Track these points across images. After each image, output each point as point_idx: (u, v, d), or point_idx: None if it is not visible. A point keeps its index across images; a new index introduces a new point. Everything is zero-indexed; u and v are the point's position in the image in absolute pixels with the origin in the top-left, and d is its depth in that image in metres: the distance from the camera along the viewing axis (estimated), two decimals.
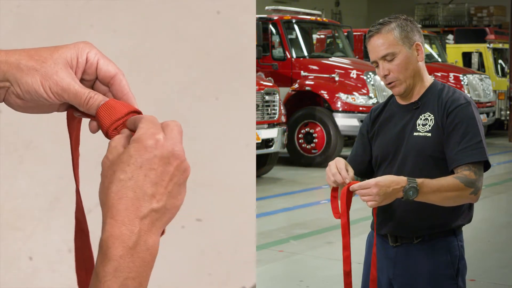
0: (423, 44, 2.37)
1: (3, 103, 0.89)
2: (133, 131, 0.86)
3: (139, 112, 0.89)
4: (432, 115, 2.31)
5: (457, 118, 2.26)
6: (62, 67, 0.86)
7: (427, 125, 2.30)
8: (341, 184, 2.20)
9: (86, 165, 1.51)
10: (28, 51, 0.87)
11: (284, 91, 10.78)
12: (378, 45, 2.31)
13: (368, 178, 2.45)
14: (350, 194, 2.19)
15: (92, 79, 0.90)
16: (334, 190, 2.26)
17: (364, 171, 2.46)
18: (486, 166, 2.28)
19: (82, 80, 0.90)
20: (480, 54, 16.35)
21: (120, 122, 0.87)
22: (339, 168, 2.19)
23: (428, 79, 2.40)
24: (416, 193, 2.12)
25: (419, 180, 2.14)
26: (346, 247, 2.23)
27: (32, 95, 0.86)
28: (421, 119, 2.32)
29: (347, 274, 2.25)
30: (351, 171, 2.21)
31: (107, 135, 0.87)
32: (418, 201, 2.20)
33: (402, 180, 2.12)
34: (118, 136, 0.85)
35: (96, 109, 0.87)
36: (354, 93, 10.68)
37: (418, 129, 2.31)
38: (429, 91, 2.36)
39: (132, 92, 0.91)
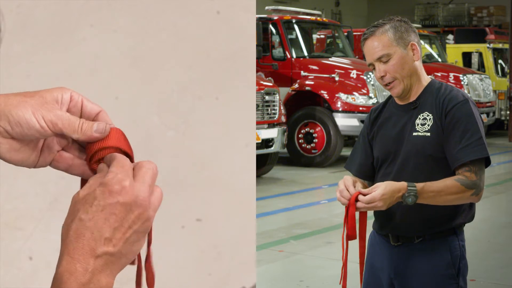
0: (418, 44, 2.38)
1: None
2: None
3: (125, 151, 0.89)
4: (430, 115, 2.31)
5: (456, 116, 2.27)
6: (50, 101, 0.88)
7: (426, 125, 2.31)
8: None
9: None
10: (14, 93, 0.88)
11: (284, 91, 10.78)
12: (373, 47, 2.32)
13: (372, 180, 2.45)
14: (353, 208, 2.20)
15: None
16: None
17: (369, 173, 2.46)
18: (487, 162, 2.29)
19: None
20: (480, 54, 16.35)
21: (104, 153, 0.89)
22: (346, 185, 2.22)
23: (426, 79, 2.40)
24: (415, 200, 2.16)
25: (419, 186, 2.16)
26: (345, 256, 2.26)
27: (23, 127, 0.86)
28: (419, 118, 2.33)
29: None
30: (358, 186, 2.23)
31: (91, 161, 0.89)
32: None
33: (403, 187, 2.15)
34: (97, 176, 0.87)
35: (91, 134, 0.89)
36: (354, 93, 10.67)
37: (417, 129, 2.32)
38: (426, 90, 2.37)
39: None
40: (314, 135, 10.81)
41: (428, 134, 2.29)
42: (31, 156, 0.92)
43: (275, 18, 11.37)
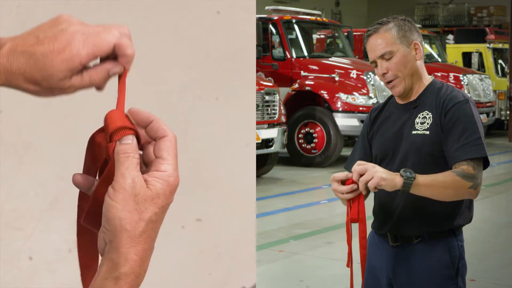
0: (421, 43, 2.38)
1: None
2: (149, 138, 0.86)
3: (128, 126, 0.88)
4: (430, 113, 2.31)
5: (455, 115, 2.27)
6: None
7: (426, 123, 2.31)
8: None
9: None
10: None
11: (284, 91, 10.78)
12: (376, 44, 2.33)
13: None
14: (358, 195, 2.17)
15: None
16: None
17: None
18: (486, 163, 2.28)
19: None
20: (480, 54, 16.35)
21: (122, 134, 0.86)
22: (334, 188, 2.21)
23: (427, 78, 2.40)
24: (413, 176, 2.09)
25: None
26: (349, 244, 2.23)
27: (43, 69, 0.83)
28: (419, 117, 2.33)
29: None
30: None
31: (111, 139, 0.86)
32: (417, 199, 2.21)
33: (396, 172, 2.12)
34: (122, 157, 0.84)
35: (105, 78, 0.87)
36: (354, 93, 10.68)
37: (416, 128, 2.32)
38: (427, 89, 2.37)
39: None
40: (314, 135, 10.81)
41: (427, 132, 2.30)
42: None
43: (275, 18, 11.37)
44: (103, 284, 0.80)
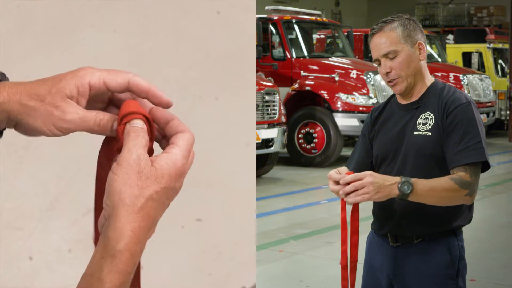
0: (425, 44, 2.38)
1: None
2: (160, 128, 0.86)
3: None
4: (432, 115, 2.31)
5: (457, 118, 2.27)
6: (61, 100, 0.84)
7: (427, 124, 2.31)
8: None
9: (87, 165, 1.51)
10: (27, 88, 0.84)
11: (284, 91, 10.78)
12: (380, 43, 2.32)
13: None
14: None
15: (105, 104, 0.88)
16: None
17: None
18: (487, 166, 2.28)
19: (93, 106, 0.87)
20: (480, 54, 16.35)
21: (133, 117, 0.85)
22: (331, 180, 2.19)
23: (429, 79, 2.40)
24: (411, 187, 2.13)
25: (413, 179, 2.15)
26: (344, 241, 2.23)
27: (39, 133, 0.85)
28: (421, 118, 2.33)
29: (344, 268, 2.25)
30: (343, 169, 2.24)
31: (121, 121, 0.85)
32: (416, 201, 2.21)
33: (396, 177, 2.14)
34: (132, 135, 0.83)
35: (111, 126, 0.85)
36: (354, 93, 10.67)
37: (418, 128, 2.32)
38: (429, 90, 2.37)
39: (154, 85, 0.89)
40: (314, 135, 10.81)
41: (429, 133, 2.29)
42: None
43: (275, 18, 11.37)
44: (100, 263, 0.78)
